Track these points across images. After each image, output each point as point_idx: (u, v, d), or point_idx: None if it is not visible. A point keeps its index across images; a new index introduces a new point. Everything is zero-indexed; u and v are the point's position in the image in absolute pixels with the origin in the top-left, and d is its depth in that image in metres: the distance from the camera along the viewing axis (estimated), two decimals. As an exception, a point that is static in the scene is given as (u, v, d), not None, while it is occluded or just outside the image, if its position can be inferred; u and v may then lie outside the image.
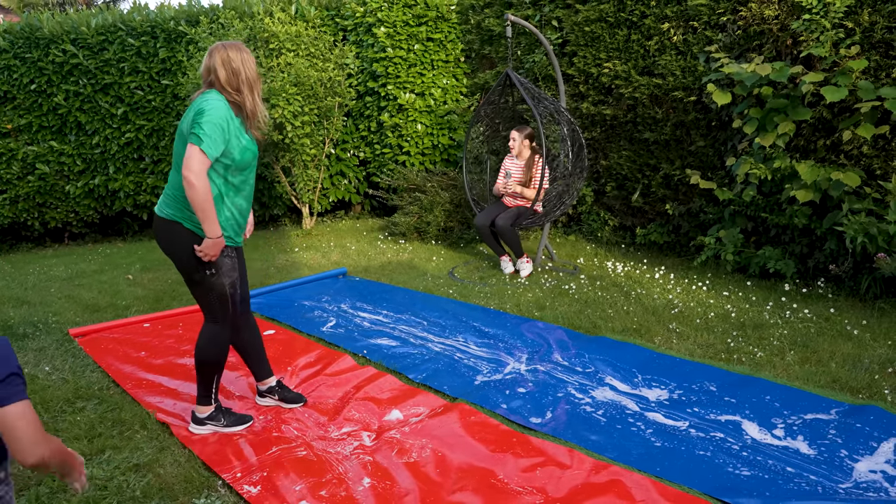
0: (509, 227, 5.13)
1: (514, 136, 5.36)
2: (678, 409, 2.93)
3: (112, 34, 7.57)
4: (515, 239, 5.20)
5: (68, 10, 8.02)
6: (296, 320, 4.40)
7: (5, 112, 7.58)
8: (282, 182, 7.59)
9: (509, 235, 5.15)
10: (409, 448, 2.69)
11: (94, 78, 7.61)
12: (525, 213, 5.27)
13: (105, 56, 7.55)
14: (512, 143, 5.37)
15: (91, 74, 7.60)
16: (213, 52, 2.72)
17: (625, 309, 4.33)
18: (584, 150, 5.21)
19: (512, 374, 3.40)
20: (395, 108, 7.57)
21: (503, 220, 5.14)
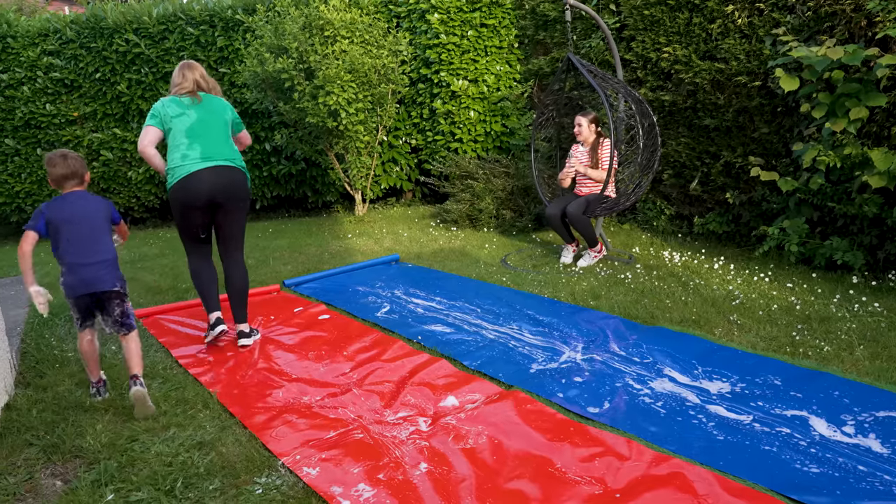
0: (581, 216, 5.03)
1: (580, 121, 5.21)
2: (741, 403, 2.85)
3: (172, 23, 7.74)
4: (588, 227, 5.08)
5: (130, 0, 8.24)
6: (350, 305, 4.44)
7: (72, 100, 7.85)
8: (335, 169, 7.67)
9: (582, 224, 5.04)
10: (466, 434, 2.69)
11: (154, 66, 7.81)
12: (596, 200, 5.12)
13: (165, 45, 7.74)
14: (577, 128, 5.22)
15: (152, 63, 7.80)
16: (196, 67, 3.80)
17: (683, 299, 4.24)
18: (655, 128, 5.04)
19: (568, 363, 3.36)
20: (448, 95, 7.55)
21: (574, 208, 5.04)
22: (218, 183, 3.61)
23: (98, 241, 3.10)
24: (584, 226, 5.06)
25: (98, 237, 3.11)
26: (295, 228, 7.51)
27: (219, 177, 3.62)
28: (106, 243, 3.13)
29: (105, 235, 3.14)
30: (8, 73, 7.62)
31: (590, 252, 5.21)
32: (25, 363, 3.59)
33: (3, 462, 2.65)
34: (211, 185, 3.60)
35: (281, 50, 6.81)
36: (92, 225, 3.10)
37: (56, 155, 3.05)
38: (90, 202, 3.15)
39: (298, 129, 7.37)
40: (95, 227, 3.11)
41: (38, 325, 4.23)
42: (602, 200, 5.13)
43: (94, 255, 3.09)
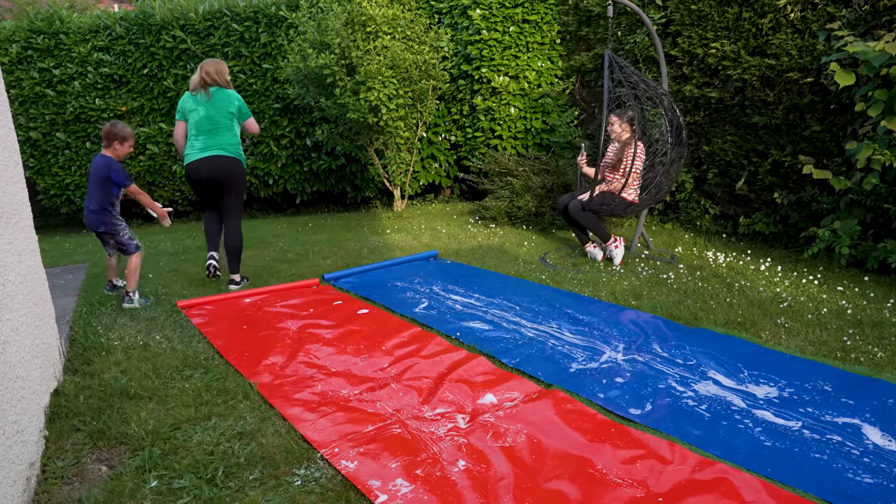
0: (581, 211, 4.99)
1: (613, 120, 5.16)
2: (790, 409, 2.76)
3: (217, 20, 7.87)
4: (593, 221, 5.03)
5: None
6: (389, 300, 4.45)
7: (120, 95, 8.04)
8: (375, 164, 7.70)
9: (584, 219, 5.01)
10: (504, 432, 2.67)
11: (200, 62, 7.94)
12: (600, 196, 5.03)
13: (211, 41, 7.87)
14: (610, 127, 5.18)
15: (198, 59, 7.94)
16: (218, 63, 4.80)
17: (727, 301, 4.13)
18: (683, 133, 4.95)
19: (608, 364, 3.31)
20: (489, 92, 7.51)
21: (574, 204, 5.01)
22: (213, 167, 4.72)
23: (92, 193, 4.37)
24: (587, 221, 5.02)
25: (93, 190, 4.36)
26: (334, 223, 7.57)
27: (212, 163, 4.73)
28: (95, 196, 4.34)
29: (97, 190, 4.33)
30: (60, 69, 7.83)
31: (610, 245, 5.12)
32: (73, 350, 3.69)
33: (52, 446, 2.71)
34: (208, 170, 4.73)
35: (323, 46, 6.86)
36: (92, 179, 4.35)
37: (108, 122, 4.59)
38: (96, 162, 4.34)
39: (339, 124, 7.42)
40: (93, 181, 4.34)
41: (86, 314, 4.34)
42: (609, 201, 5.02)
43: (89, 203, 4.42)
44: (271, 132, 8.16)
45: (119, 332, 4.02)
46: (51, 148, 8.05)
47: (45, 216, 8.86)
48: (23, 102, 7.84)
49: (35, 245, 3.26)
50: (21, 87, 7.78)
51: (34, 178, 8.09)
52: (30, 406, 2.59)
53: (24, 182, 3.21)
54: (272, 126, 8.14)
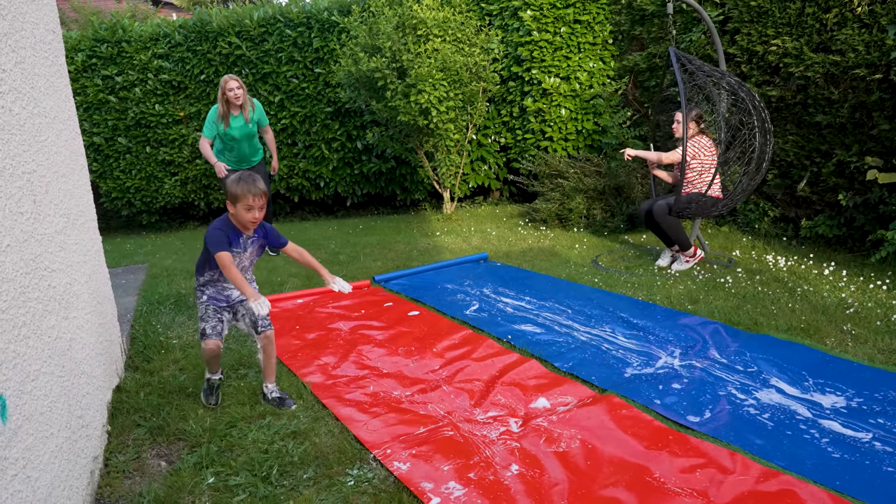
0: (665, 216, 4.82)
1: (679, 117, 4.96)
2: (859, 419, 2.64)
3: (271, 26, 8.02)
4: (676, 228, 4.86)
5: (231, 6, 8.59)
6: (439, 302, 4.44)
7: (178, 101, 8.27)
8: (424, 167, 7.72)
9: (668, 224, 4.83)
10: (558, 437, 2.62)
11: (255, 68, 8.12)
12: (687, 200, 4.86)
13: (265, 47, 8.03)
14: (676, 125, 4.98)
15: (252, 64, 8.11)
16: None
17: (790, 306, 3.98)
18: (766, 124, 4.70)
19: (664, 369, 3.22)
20: (539, 93, 7.45)
21: (660, 207, 4.83)
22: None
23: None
24: (670, 226, 4.84)
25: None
26: (384, 226, 7.62)
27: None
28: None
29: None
30: (122, 76, 8.11)
31: (682, 256, 4.97)
32: (134, 348, 3.79)
33: (114, 441, 2.79)
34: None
35: (375, 49, 6.92)
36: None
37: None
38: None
39: (390, 127, 7.47)
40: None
41: (146, 313, 4.46)
42: (696, 201, 4.87)
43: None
44: (323, 135, 8.27)
45: (177, 330, 4.12)
46: (112, 152, 8.34)
47: (107, 218, 9.17)
48: (87, 109, 8.14)
49: (99, 246, 3.37)
50: (86, 94, 8.08)
51: (97, 182, 8.38)
52: (94, 402, 2.67)
53: (89, 185, 3.32)
54: (324, 129, 8.25)
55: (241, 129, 5.65)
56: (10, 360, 1.83)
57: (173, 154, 8.36)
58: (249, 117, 5.65)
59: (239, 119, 5.62)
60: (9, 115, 2.14)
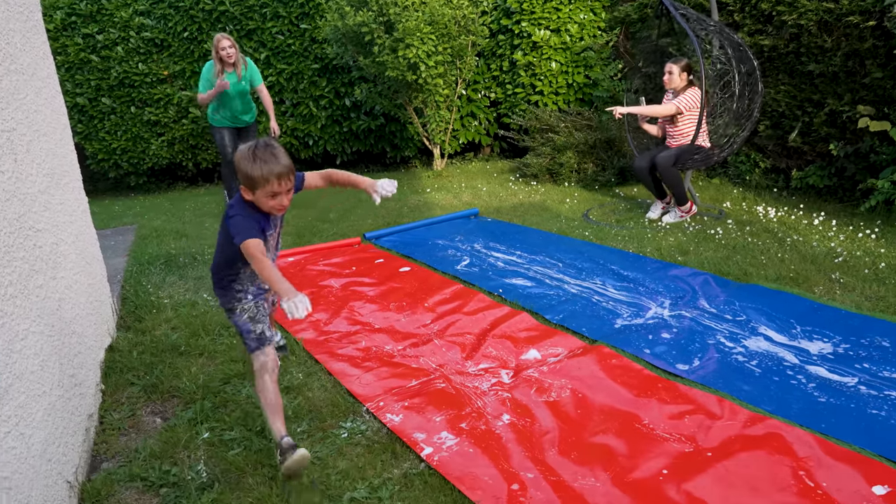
0: (670, 168, 4.80)
1: (671, 68, 4.87)
2: (845, 364, 2.68)
3: (255, -20, 7.81)
4: (678, 181, 4.84)
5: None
6: (430, 258, 4.44)
7: (162, 59, 8.10)
8: (414, 123, 7.63)
9: (671, 176, 4.80)
10: (549, 387, 2.65)
11: (239, 24, 7.93)
12: (688, 151, 4.84)
13: (249, 2, 7.82)
14: (668, 76, 4.91)
15: (236, 20, 7.92)
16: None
17: (779, 256, 4.01)
18: (756, 74, 4.70)
19: (654, 319, 3.25)
20: (529, 46, 7.32)
21: (664, 159, 4.80)
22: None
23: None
24: (673, 179, 4.83)
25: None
26: (374, 183, 7.56)
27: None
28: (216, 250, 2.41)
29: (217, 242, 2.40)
30: (103, 34, 7.91)
31: (677, 209, 4.98)
32: (125, 308, 3.79)
33: (108, 399, 2.81)
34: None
35: (361, 3, 6.76)
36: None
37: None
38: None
39: (378, 83, 7.35)
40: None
41: (136, 274, 4.45)
42: (694, 152, 4.87)
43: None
44: (310, 93, 8.14)
45: (168, 290, 4.11)
46: (97, 113, 8.19)
47: (94, 181, 9.06)
48: (69, 69, 7.96)
49: (85, 206, 3.34)
50: (66, 54, 7.89)
51: (82, 144, 8.25)
52: (86, 361, 2.68)
53: (72, 145, 3.26)
54: (311, 87, 8.12)
55: (235, 86, 5.89)
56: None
57: (159, 114, 8.22)
58: (242, 74, 5.90)
59: (232, 76, 5.87)
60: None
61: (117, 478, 2.27)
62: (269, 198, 2.10)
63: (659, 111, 4.92)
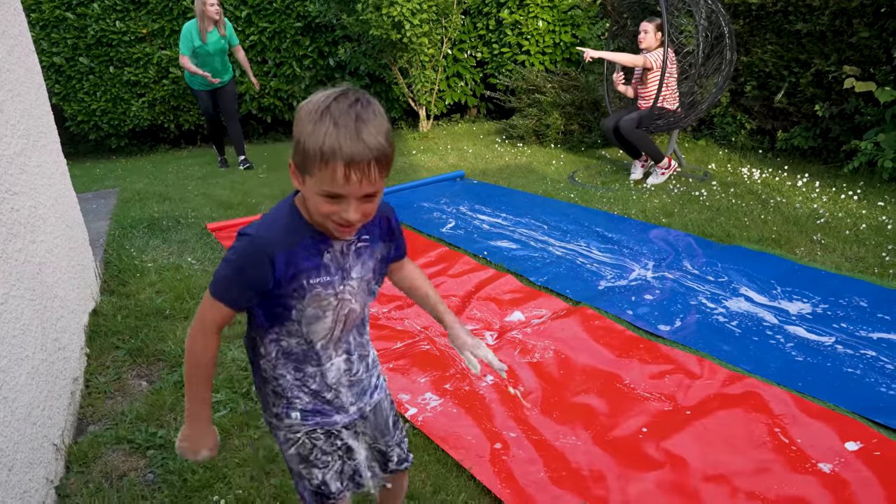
0: (633, 130, 4.81)
1: (646, 27, 4.89)
2: (823, 324, 2.72)
3: (234, -66, 7.58)
4: (646, 141, 4.86)
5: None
6: (415, 221, 4.43)
7: (140, 17, 7.89)
8: (399, 84, 7.53)
9: (636, 137, 4.84)
10: (532, 349, 2.68)
11: (218, -20, 7.72)
12: (649, 114, 4.88)
13: (228, -43, 7.61)
14: (643, 35, 4.92)
15: (216, -24, 7.70)
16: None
17: (762, 218, 4.03)
18: (726, 41, 4.70)
19: (637, 281, 3.28)
20: (516, 4, 7.20)
21: (626, 122, 4.82)
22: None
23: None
24: (640, 140, 4.84)
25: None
26: (360, 145, 7.49)
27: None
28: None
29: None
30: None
31: (657, 168, 4.99)
32: (109, 272, 3.76)
33: (94, 363, 2.81)
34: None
35: (343, -41, 6.60)
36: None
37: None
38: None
39: (362, 42, 7.22)
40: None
41: (119, 237, 4.41)
42: (657, 115, 4.86)
43: None
44: (293, 52, 7.99)
45: (152, 254, 4.08)
46: (75, 73, 8.00)
47: (75, 143, 8.91)
48: (44, 27, 7.74)
49: (64, 168, 3.28)
50: (41, 11, 7.66)
51: (61, 105, 8.08)
52: (69, 325, 2.67)
53: (48, 105, 3.19)
54: (294, 46, 7.96)
55: (216, 44, 6.05)
56: (-24, 284, 1.80)
57: (139, 74, 8.04)
58: (225, 32, 6.07)
59: (214, 34, 6.01)
60: (-49, 28, 2.02)
61: (104, 440, 2.28)
62: (324, 199, 1.11)
63: (625, 60, 4.89)
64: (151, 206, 5.21)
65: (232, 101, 6.44)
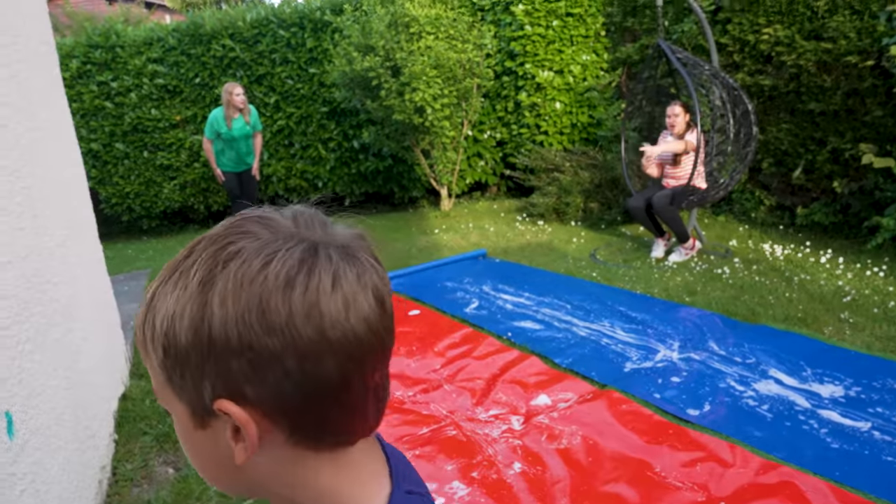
0: (667, 207, 4.85)
1: (676, 110, 4.93)
2: (857, 409, 2.67)
3: (265, 27, 8.01)
4: (677, 220, 4.89)
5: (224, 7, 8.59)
6: (439, 301, 4.47)
7: (174, 105, 8.27)
8: (421, 164, 7.73)
9: (669, 216, 4.86)
10: (559, 434, 2.65)
11: (249, 70, 8.12)
12: (683, 192, 4.91)
13: (259, 48, 8.02)
14: (673, 118, 4.93)
15: (247, 66, 8.11)
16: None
17: (787, 295, 4.01)
18: (750, 116, 4.81)
19: (663, 363, 3.25)
20: (533, 87, 7.45)
21: (660, 199, 4.86)
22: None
23: None
24: (671, 218, 4.87)
25: None
26: (382, 224, 7.63)
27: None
28: None
29: None
30: (118, 81, 8.11)
31: (681, 248, 5.01)
32: (138, 356, 3.82)
33: (121, 449, 2.82)
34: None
35: (368, 48, 6.92)
36: None
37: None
38: None
39: (385, 126, 7.48)
40: None
41: (148, 319, 4.49)
42: (690, 192, 4.92)
43: None
44: (319, 136, 8.28)
45: (180, 336, 4.14)
46: (110, 158, 8.35)
47: (108, 224, 9.18)
48: (84, 115, 8.14)
49: (100, 255, 3.40)
50: (82, 101, 8.08)
51: (96, 188, 8.38)
52: (100, 411, 2.70)
53: (88, 194, 3.34)
54: (320, 129, 8.26)
55: (241, 130, 6.34)
56: (16, 377, 1.85)
57: (171, 158, 8.37)
58: (249, 119, 6.35)
59: (239, 121, 6.28)
60: (4, 130, 2.16)
61: (130, 531, 2.27)
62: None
63: (675, 148, 4.98)
64: (180, 288, 5.31)
65: (254, 185, 6.76)
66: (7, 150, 2.13)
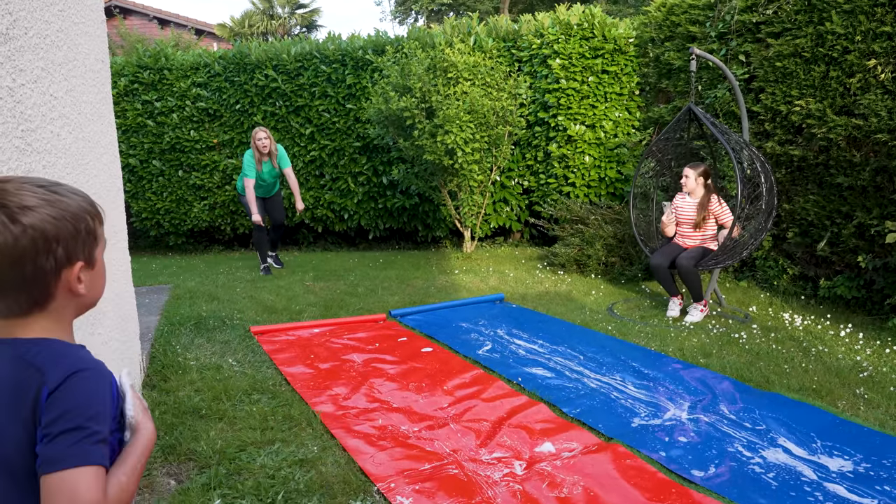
0: (693, 268, 4.91)
1: (688, 172, 5.14)
2: (865, 485, 2.62)
3: (308, 61, 8.28)
4: (698, 281, 4.96)
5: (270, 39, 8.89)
6: (452, 340, 4.50)
7: (213, 128, 8.53)
8: (447, 205, 7.84)
9: (692, 277, 4.93)
10: (561, 483, 2.64)
11: (288, 100, 8.36)
12: (706, 254, 5.04)
13: (300, 81, 8.28)
14: (685, 179, 5.15)
15: (286, 97, 8.36)
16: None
17: (803, 366, 3.97)
18: (774, 189, 4.88)
19: (672, 421, 3.23)
20: (564, 139, 7.57)
21: (686, 260, 4.94)
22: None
23: None
24: (694, 279, 4.92)
25: None
26: (404, 260, 7.71)
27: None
28: None
29: None
30: (162, 102, 8.40)
31: (696, 306, 5.03)
32: (153, 367, 3.89)
33: (127, 456, 2.86)
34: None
35: (405, 89, 7.11)
36: None
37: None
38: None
39: (415, 165, 7.63)
40: None
41: (167, 333, 4.57)
42: (714, 256, 4.99)
43: None
44: (350, 169, 8.46)
45: (196, 352, 4.21)
46: (146, 174, 8.60)
47: (136, 237, 9.39)
48: (126, 131, 8.42)
49: (128, 265, 3.50)
50: (125, 117, 8.37)
51: (129, 202, 8.62)
52: (111, 417, 2.75)
53: (123, 207, 3.46)
54: (351, 163, 8.44)
55: (270, 172, 6.80)
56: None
57: (204, 179, 8.59)
58: (277, 163, 6.77)
59: (268, 164, 6.74)
60: (56, 139, 2.28)
61: (128, 538, 2.29)
62: None
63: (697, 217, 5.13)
64: (200, 305, 5.41)
65: (281, 211, 7.09)
66: (56, 157, 2.24)
